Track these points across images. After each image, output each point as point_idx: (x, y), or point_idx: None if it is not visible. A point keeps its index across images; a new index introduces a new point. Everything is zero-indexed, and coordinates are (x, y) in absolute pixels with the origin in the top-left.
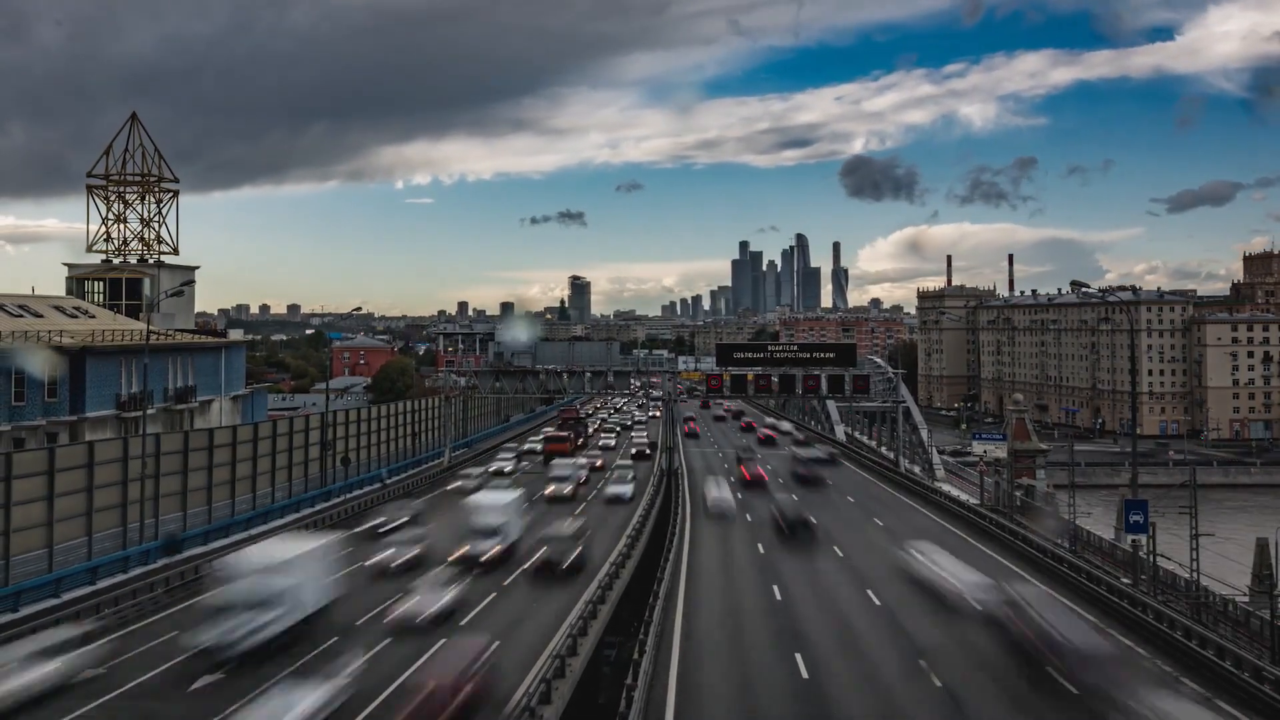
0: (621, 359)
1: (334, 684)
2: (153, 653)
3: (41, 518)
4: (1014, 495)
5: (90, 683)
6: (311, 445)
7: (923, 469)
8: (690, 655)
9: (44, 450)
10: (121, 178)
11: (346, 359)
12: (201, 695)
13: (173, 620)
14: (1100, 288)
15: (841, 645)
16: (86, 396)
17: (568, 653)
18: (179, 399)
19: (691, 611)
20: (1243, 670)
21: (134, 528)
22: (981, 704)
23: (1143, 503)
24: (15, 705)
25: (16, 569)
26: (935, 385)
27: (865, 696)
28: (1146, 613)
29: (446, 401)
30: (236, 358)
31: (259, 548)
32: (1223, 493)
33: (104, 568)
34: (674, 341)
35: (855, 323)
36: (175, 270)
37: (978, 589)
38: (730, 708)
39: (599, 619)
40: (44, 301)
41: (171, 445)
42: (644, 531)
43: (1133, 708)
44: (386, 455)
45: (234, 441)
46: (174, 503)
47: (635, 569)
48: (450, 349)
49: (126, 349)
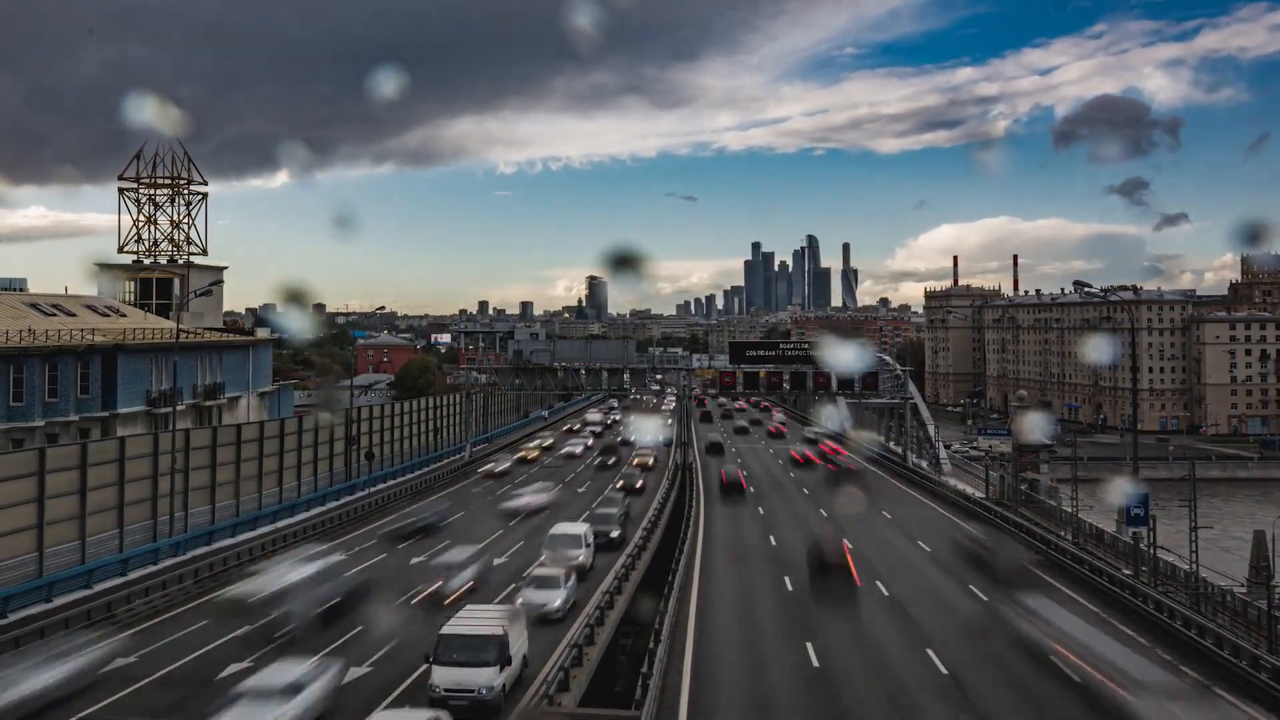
0: (638, 357)
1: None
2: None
3: (74, 511)
4: (1018, 489)
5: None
6: (336, 441)
7: (930, 463)
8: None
9: (76, 445)
10: (152, 180)
11: (370, 356)
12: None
13: (201, 610)
14: (1102, 287)
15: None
16: (118, 393)
17: (585, 642)
18: (207, 395)
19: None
20: (1240, 658)
21: (164, 521)
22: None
23: (1143, 495)
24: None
25: (50, 560)
26: (942, 382)
27: (871, 683)
28: (1147, 603)
29: (467, 398)
30: (263, 355)
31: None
32: (1222, 487)
33: (134, 559)
34: (688, 340)
35: (864, 321)
36: (204, 270)
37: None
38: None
39: (615, 609)
40: (77, 301)
41: (200, 441)
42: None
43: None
44: (409, 450)
45: (261, 437)
46: (202, 496)
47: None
48: (471, 347)
49: (156, 347)
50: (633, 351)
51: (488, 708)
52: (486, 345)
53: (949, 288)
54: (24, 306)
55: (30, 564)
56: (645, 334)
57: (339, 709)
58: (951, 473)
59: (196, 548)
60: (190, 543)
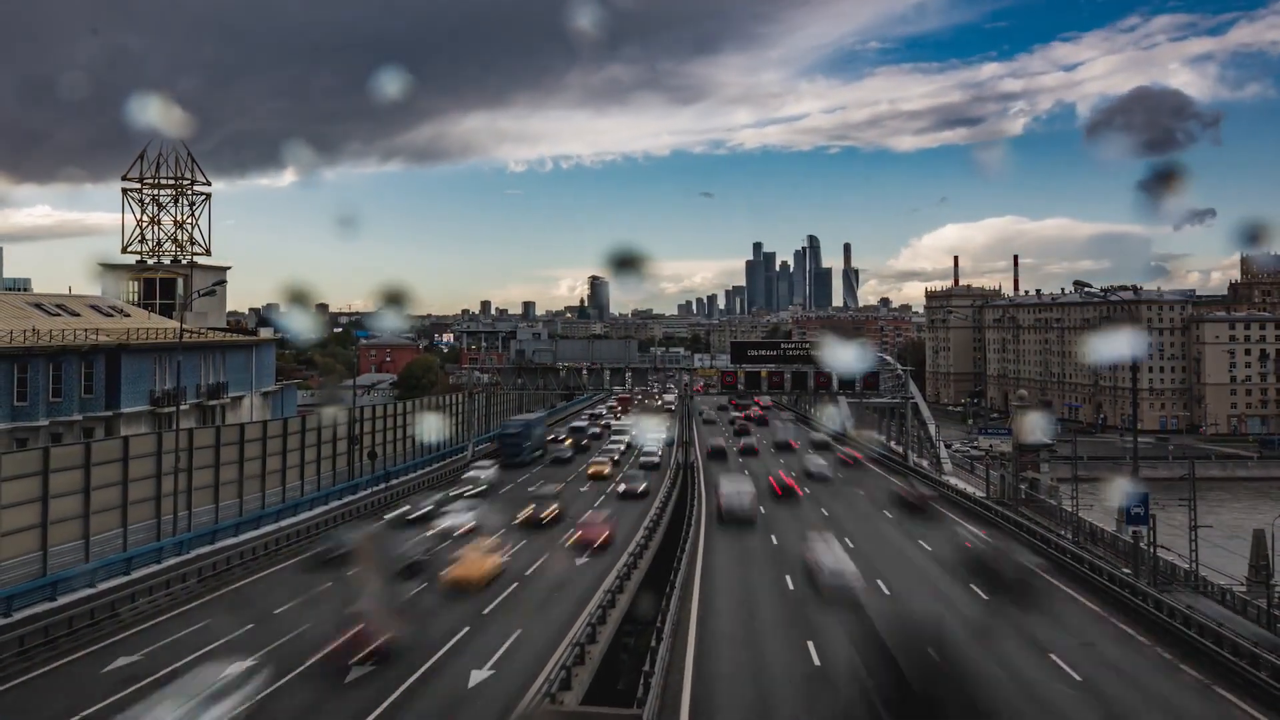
0: (640, 356)
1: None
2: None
3: (78, 510)
4: (1019, 488)
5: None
6: (339, 440)
7: (930, 463)
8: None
9: (80, 445)
10: (155, 181)
11: (373, 356)
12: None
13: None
14: (1102, 287)
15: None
16: (122, 393)
17: (587, 640)
18: (211, 395)
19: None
20: (1240, 657)
21: (167, 520)
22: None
23: (1143, 495)
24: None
25: (54, 560)
26: (943, 382)
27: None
28: (1147, 601)
29: (470, 398)
30: (266, 355)
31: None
32: (1221, 486)
33: (138, 558)
34: (690, 339)
35: (865, 321)
36: (207, 271)
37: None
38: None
39: (618, 607)
40: (81, 301)
41: (204, 440)
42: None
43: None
44: (411, 450)
45: (264, 436)
46: (206, 496)
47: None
48: (474, 346)
49: (160, 347)
50: (635, 351)
51: None
52: (489, 345)
53: (950, 288)
54: (28, 307)
55: (34, 563)
56: (647, 334)
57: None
58: (952, 472)
59: (200, 546)
60: (194, 542)
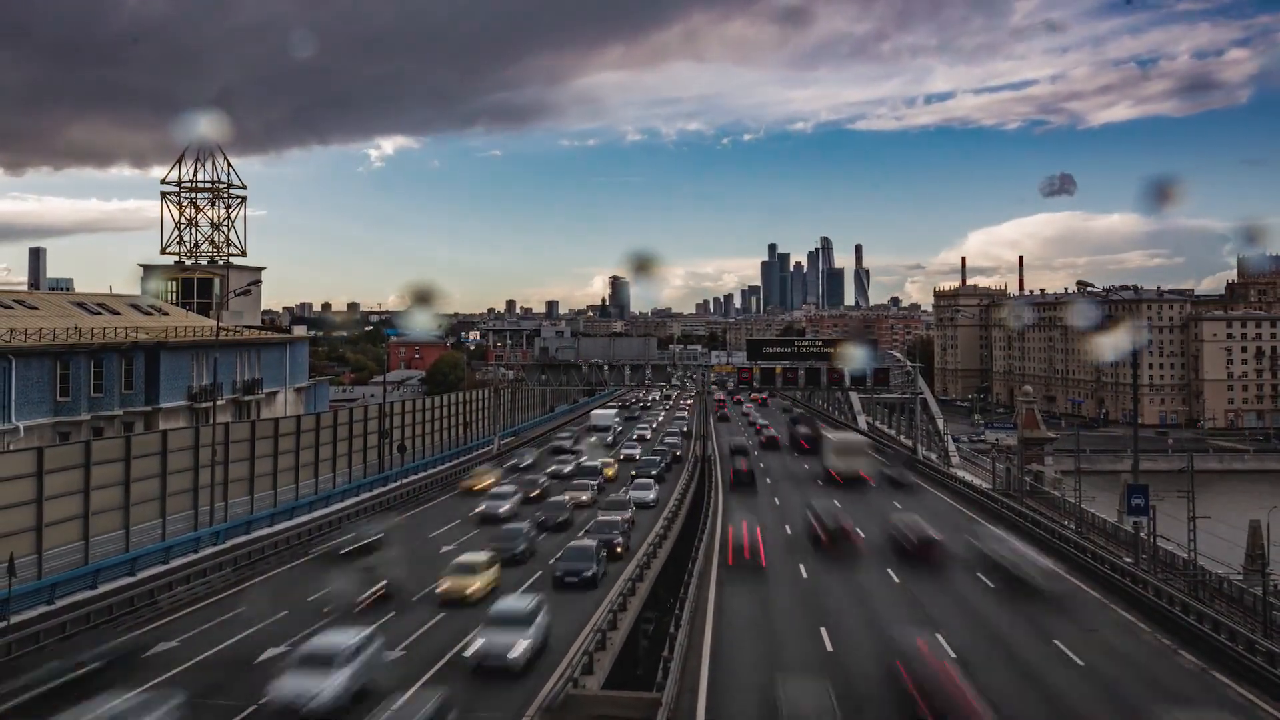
0: (659, 354)
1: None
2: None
3: (119, 501)
4: (1024, 480)
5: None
6: (370, 434)
7: (939, 456)
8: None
9: (121, 438)
10: (193, 185)
11: (403, 353)
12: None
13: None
14: (1104, 287)
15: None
16: (161, 388)
17: (609, 626)
18: (246, 391)
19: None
20: (1236, 643)
21: (204, 511)
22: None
23: (1144, 487)
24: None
25: (95, 549)
26: (950, 378)
27: (879, 664)
28: (1147, 590)
29: (495, 393)
30: (300, 352)
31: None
32: (1219, 479)
33: (176, 548)
34: (707, 337)
35: (876, 320)
36: (243, 271)
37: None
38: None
39: (638, 595)
40: (121, 300)
41: (239, 434)
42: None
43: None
44: (439, 443)
45: (298, 430)
46: (242, 488)
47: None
48: (499, 344)
49: (198, 344)
50: (654, 348)
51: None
52: (514, 342)
53: (958, 287)
54: (71, 306)
55: (77, 552)
56: (666, 332)
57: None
58: (960, 465)
59: (236, 536)
60: (230, 532)
